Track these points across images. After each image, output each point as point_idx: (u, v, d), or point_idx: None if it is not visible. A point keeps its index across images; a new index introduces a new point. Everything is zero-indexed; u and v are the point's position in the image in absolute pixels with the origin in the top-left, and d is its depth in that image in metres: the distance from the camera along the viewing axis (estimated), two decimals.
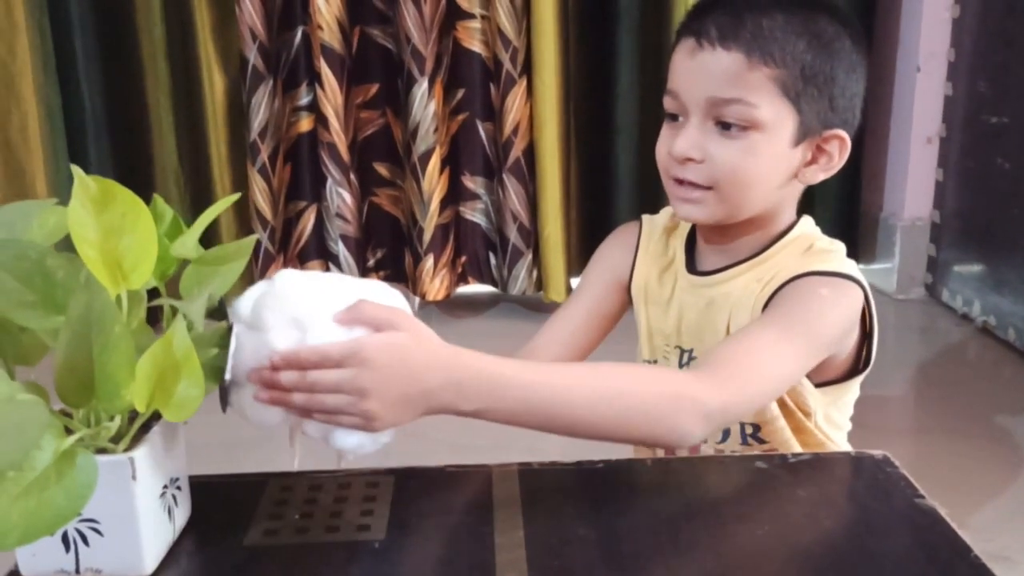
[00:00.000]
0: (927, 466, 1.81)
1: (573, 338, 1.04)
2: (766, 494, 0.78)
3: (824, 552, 0.71)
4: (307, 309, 0.67)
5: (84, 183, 0.58)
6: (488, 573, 0.66)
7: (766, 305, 0.91)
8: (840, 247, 0.96)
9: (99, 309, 0.57)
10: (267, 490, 0.79)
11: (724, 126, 0.89)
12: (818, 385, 0.95)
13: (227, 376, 0.67)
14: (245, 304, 0.69)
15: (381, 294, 0.72)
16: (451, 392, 0.69)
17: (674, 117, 0.93)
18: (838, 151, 0.93)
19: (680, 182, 0.92)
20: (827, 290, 0.89)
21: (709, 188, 0.91)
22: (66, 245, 0.63)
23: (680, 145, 0.90)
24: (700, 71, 0.89)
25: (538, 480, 0.79)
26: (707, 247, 0.99)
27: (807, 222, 0.98)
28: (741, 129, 0.88)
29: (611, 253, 1.08)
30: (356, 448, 0.71)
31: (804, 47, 0.88)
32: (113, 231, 0.59)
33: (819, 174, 0.94)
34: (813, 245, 0.95)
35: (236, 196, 0.77)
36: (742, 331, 0.88)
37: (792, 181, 0.94)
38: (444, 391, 0.69)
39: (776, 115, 0.88)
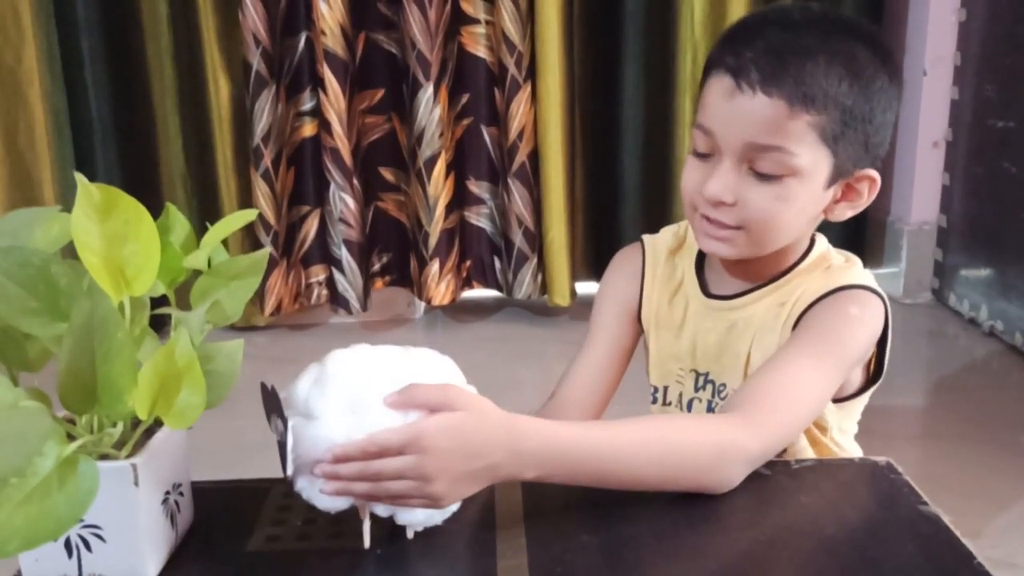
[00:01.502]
0: (933, 471, 1.81)
1: (597, 380, 1.03)
2: (769, 501, 0.78)
3: (827, 559, 0.71)
4: (360, 395, 0.68)
5: (87, 190, 0.59)
6: None
7: (796, 323, 0.90)
8: (856, 260, 0.96)
9: (102, 316, 0.57)
10: (270, 496, 0.79)
11: (759, 172, 0.87)
12: (835, 401, 0.95)
13: (289, 472, 0.68)
14: (298, 394, 0.69)
15: (432, 366, 0.72)
16: (514, 463, 0.70)
17: (703, 154, 0.90)
18: (868, 190, 0.92)
19: (708, 220, 0.91)
20: (856, 309, 0.89)
21: (738, 228, 0.89)
22: (70, 252, 0.63)
23: (713, 188, 0.88)
24: (739, 115, 0.86)
25: (540, 486, 0.79)
26: (725, 272, 0.98)
27: (822, 241, 0.98)
28: (777, 176, 0.87)
29: (617, 285, 1.06)
30: (425, 522, 0.72)
31: (846, 90, 0.85)
32: (116, 238, 0.59)
33: (847, 212, 0.93)
34: (831, 264, 0.95)
35: (253, 213, 0.77)
36: (776, 360, 0.86)
37: (819, 217, 0.93)
38: (507, 463, 0.70)
39: (813, 161, 0.86)
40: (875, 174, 0.91)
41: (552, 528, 0.73)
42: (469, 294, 2.77)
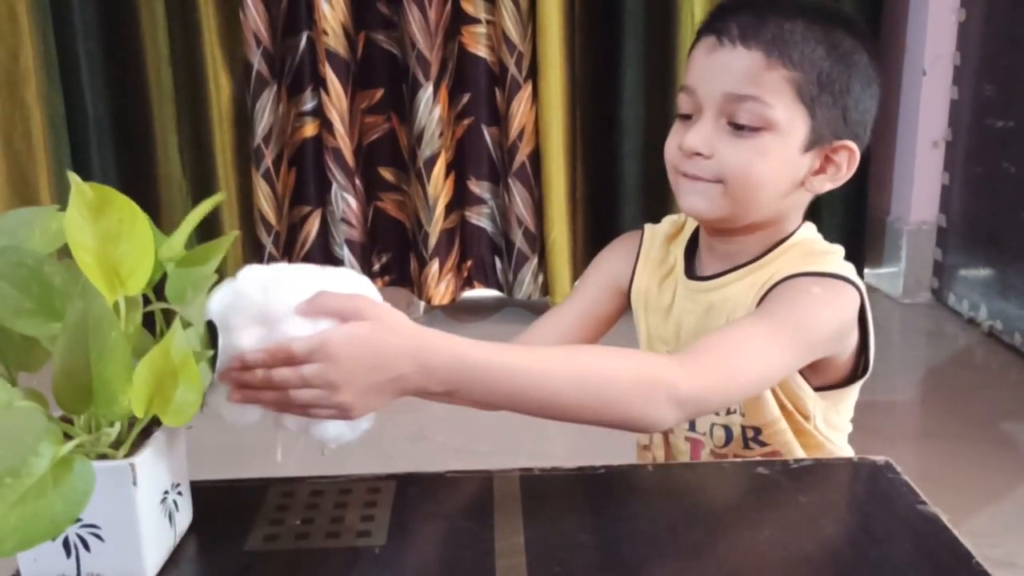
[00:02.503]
0: (933, 471, 1.81)
1: (563, 337, 1.03)
2: (767, 500, 0.78)
3: (825, 558, 0.71)
4: (270, 305, 0.67)
5: (81, 190, 0.59)
6: None
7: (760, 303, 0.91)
8: (838, 249, 0.96)
9: (96, 315, 0.57)
10: (268, 495, 0.79)
11: (737, 127, 0.89)
12: (817, 389, 0.95)
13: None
14: (212, 306, 0.68)
15: (345, 281, 0.71)
16: (422, 376, 0.69)
17: (686, 117, 0.93)
18: (846, 162, 0.93)
19: (687, 176, 0.93)
20: (819, 289, 0.89)
21: (717, 182, 0.91)
22: (68, 251, 0.63)
23: (691, 139, 0.90)
24: (719, 67, 0.90)
25: (539, 486, 0.79)
26: (708, 253, 0.99)
27: (809, 228, 0.98)
28: (753, 130, 0.89)
29: (611, 260, 1.08)
30: (336, 438, 0.70)
31: (823, 54, 0.89)
32: (110, 238, 0.59)
33: (826, 184, 0.94)
34: (812, 249, 0.95)
35: (221, 196, 0.76)
36: (729, 323, 0.89)
37: (799, 190, 0.94)
38: (415, 376, 0.69)
39: (790, 117, 0.89)
40: (854, 146, 0.93)
41: (550, 527, 0.73)
42: (469, 294, 2.77)
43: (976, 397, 2.24)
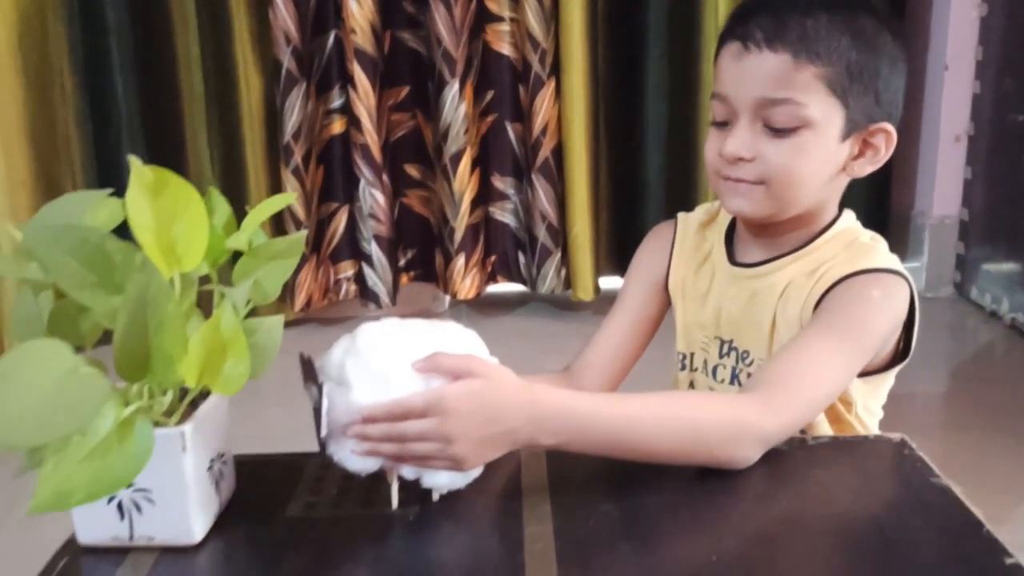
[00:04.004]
0: (955, 463, 1.81)
1: (619, 349, 1.08)
2: (785, 475, 0.81)
3: (841, 529, 0.73)
4: (388, 363, 0.72)
5: (140, 172, 0.63)
6: (517, 544, 0.70)
7: (817, 303, 0.92)
8: (882, 241, 0.98)
9: (154, 290, 0.61)
10: (307, 468, 0.83)
11: (774, 129, 0.91)
12: (859, 375, 0.96)
13: (323, 432, 0.72)
14: (331, 363, 0.74)
15: (458, 338, 0.76)
16: (531, 429, 0.74)
17: (721, 124, 0.95)
18: (884, 144, 0.94)
19: (730, 179, 0.94)
20: (879, 292, 0.91)
21: (760, 183, 0.92)
22: (117, 235, 0.67)
23: (731, 145, 0.92)
24: (748, 74, 0.91)
25: (565, 459, 0.82)
26: (749, 240, 1.01)
27: (849, 216, 1.00)
28: (791, 130, 0.90)
29: (647, 257, 1.11)
30: (449, 485, 0.76)
31: (848, 44, 0.90)
32: (167, 217, 0.63)
33: (866, 167, 0.96)
34: (856, 239, 0.97)
35: (291, 197, 0.82)
36: (796, 342, 0.89)
37: (840, 175, 0.96)
38: (525, 429, 0.74)
39: (825, 112, 0.90)
40: (890, 127, 0.94)
41: (575, 497, 0.77)
42: (494, 288, 2.80)
43: (998, 390, 2.24)
